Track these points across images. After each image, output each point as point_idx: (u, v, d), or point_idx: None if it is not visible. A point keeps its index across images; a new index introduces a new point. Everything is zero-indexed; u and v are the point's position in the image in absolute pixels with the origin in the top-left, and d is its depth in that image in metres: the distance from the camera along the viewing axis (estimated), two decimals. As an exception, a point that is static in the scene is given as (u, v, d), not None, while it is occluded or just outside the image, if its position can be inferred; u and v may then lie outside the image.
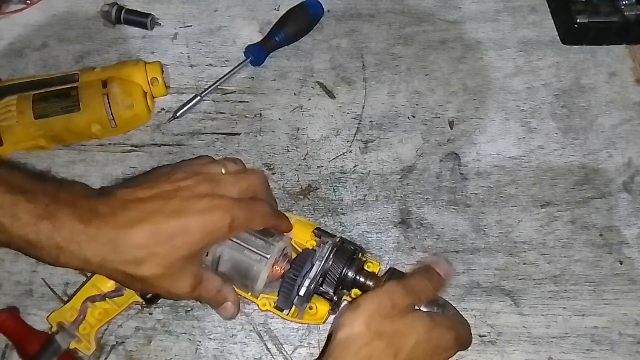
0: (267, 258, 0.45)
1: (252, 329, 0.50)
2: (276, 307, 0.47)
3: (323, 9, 0.67)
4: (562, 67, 0.64)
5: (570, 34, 0.65)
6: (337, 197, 0.56)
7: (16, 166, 0.53)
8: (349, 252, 0.47)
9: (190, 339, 0.50)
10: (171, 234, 0.40)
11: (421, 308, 0.43)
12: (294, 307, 0.46)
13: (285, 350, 0.49)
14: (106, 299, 0.47)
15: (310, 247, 0.48)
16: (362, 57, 0.65)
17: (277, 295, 0.46)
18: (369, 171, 0.58)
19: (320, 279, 0.46)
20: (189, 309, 0.51)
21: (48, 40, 0.66)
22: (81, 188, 0.44)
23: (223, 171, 0.46)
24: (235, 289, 0.47)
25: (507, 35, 0.66)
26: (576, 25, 0.63)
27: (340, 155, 0.59)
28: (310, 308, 0.47)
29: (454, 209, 0.56)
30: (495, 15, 0.68)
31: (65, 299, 0.51)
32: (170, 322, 0.50)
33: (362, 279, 0.46)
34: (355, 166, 0.58)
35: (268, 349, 0.49)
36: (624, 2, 0.63)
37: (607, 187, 0.57)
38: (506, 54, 0.65)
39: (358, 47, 0.66)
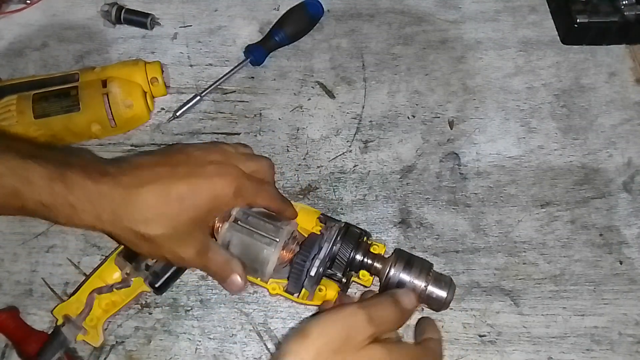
0: (276, 241, 0.45)
1: (251, 328, 0.50)
2: (286, 291, 0.47)
3: (323, 8, 0.67)
4: (562, 67, 0.64)
5: (570, 34, 0.65)
6: (337, 197, 0.56)
7: (23, 136, 0.54)
8: (356, 235, 0.47)
9: (190, 339, 0.50)
10: (180, 195, 0.41)
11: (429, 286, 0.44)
12: (303, 289, 0.46)
13: (285, 350, 0.49)
14: (113, 289, 0.47)
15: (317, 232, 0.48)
16: (362, 57, 0.65)
17: (287, 280, 0.46)
18: (369, 171, 0.58)
19: (329, 262, 0.46)
20: (189, 308, 0.51)
21: (48, 40, 0.66)
22: (90, 155, 0.46)
23: (234, 151, 0.48)
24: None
25: (507, 35, 0.66)
26: (576, 25, 0.63)
27: (340, 155, 0.59)
28: (320, 290, 0.47)
29: (453, 208, 0.56)
30: (495, 15, 0.68)
31: (65, 298, 0.51)
32: (170, 321, 0.50)
33: (369, 261, 0.47)
34: (355, 166, 0.58)
35: (268, 349, 0.49)
36: (624, 2, 0.63)
37: (607, 187, 0.57)
38: (506, 53, 0.65)
39: (358, 47, 0.66)
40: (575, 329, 0.50)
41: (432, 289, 0.45)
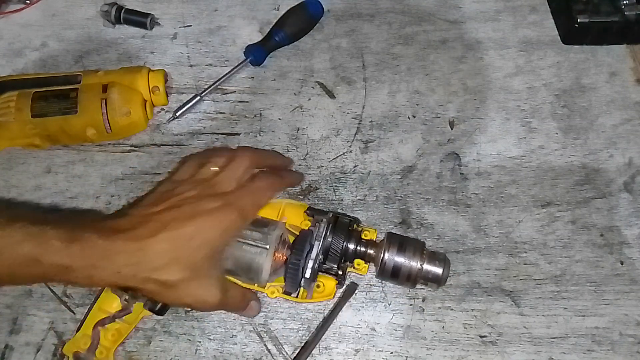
0: (266, 249, 0.45)
1: (252, 329, 0.50)
2: (284, 292, 0.47)
3: (323, 8, 0.67)
4: (563, 67, 0.64)
5: (571, 34, 0.65)
6: (337, 197, 0.56)
7: (30, 204, 0.56)
8: (345, 226, 0.48)
9: (190, 340, 0.50)
10: (189, 236, 0.42)
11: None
12: (302, 289, 0.46)
13: (285, 351, 0.49)
14: (115, 319, 0.47)
15: (306, 228, 0.48)
16: (362, 57, 0.65)
17: (284, 281, 0.46)
18: (369, 171, 0.58)
19: (322, 256, 0.46)
20: (189, 309, 0.51)
21: (47, 40, 0.66)
22: (95, 215, 0.49)
23: (215, 169, 0.48)
24: (242, 282, 0.47)
25: (508, 35, 0.66)
26: (577, 25, 0.63)
27: (340, 155, 0.59)
28: (318, 286, 0.47)
29: (454, 209, 0.56)
30: (496, 14, 0.68)
31: (65, 299, 0.51)
32: (170, 322, 0.50)
33: (363, 249, 0.48)
34: (355, 166, 0.58)
35: (268, 350, 0.49)
36: (624, 2, 0.63)
37: (607, 187, 0.57)
38: (507, 53, 0.65)
39: (358, 47, 0.66)
40: (576, 329, 0.50)
41: (427, 267, 0.46)
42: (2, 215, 0.40)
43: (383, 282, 0.51)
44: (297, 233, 0.48)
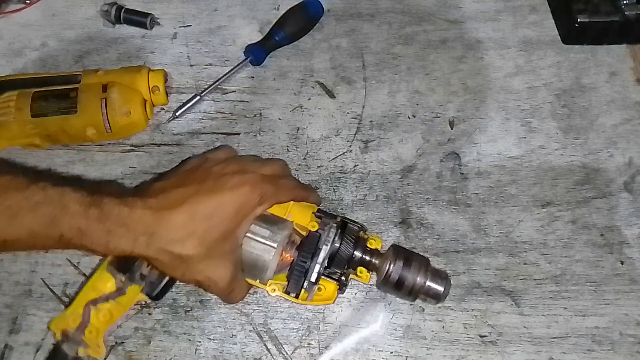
0: (274, 247, 0.45)
1: (252, 329, 0.50)
2: (286, 292, 0.47)
3: (323, 8, 0.67)
4: (563, 67, 0.64)
5: (571, 34, 0.65)
6: (337, 197, 0.56)
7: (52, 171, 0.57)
8: (354, 233, 0.48)
9: (189, 339, 0.50)
10: (209, 212, 0.42)
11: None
12: (303, 290, 0.46)
13: (285, 351, 0.49)
14: (109, 300, 0.46)
15: (313, 229, 0.48)
16: (362, 56, 0.65)
17: (287, 280, 0.46)
18: (369, 171, 0.58)
19: (328, 261, 0.46)
20: (189, 309, 0.51)
21: (47, 40, 0.66)
22: (117, 184, 0.49)
23: (246, 159, 0.49)
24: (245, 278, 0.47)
25: (508, 34, 0.66)
26: (577, 25, 0.63)
27: (340, 155, 0.59)
28: (319, 289, 0.47)
29: (454, 208, 0.56)
30: (496, 14, 0.68)
31: (65, 299, 0.51)
32: (170, 322, 0.50)
33: (367, 258, 0.47)
34: (355, 166, 0.58)
35: (268, 350, 0.49)
36: (624, 2, 0.63)
37: (607, 187, 0.56)
38: (507, 53, 0.65)
39: (358, 46, 0.66)
40: (576, 329, 0.50)
41: (430, 284, 0.46)
42: (23, 176, 0.40)
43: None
44: (304, 233, 0.48)
